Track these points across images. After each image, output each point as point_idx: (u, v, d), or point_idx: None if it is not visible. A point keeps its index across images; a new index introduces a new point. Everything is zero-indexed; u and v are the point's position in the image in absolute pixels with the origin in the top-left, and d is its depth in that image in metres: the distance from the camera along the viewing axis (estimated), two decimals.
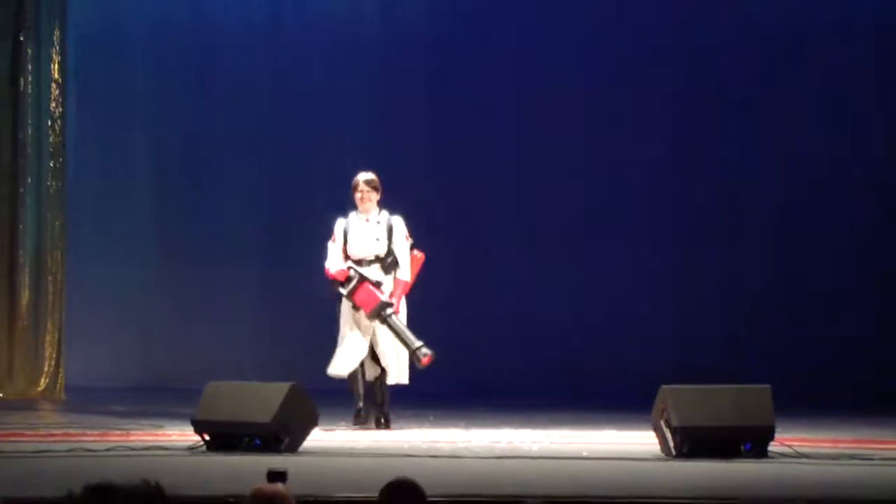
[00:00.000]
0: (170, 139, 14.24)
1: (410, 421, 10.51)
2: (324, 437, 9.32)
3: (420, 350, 10.01)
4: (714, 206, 13.77)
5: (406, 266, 10.22)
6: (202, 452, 8.57)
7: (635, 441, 9.19)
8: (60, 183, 12.90)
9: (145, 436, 9.47)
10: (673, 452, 8.40)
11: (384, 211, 10.28)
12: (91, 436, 9.45)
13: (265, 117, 14.17)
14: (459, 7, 14.16)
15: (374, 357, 10.23)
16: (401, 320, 10.10)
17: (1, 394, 12.59)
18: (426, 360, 10.03)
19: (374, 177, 10.27)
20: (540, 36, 13.96)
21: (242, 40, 14.17)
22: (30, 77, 12.75)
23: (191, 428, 8.77)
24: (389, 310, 10.04)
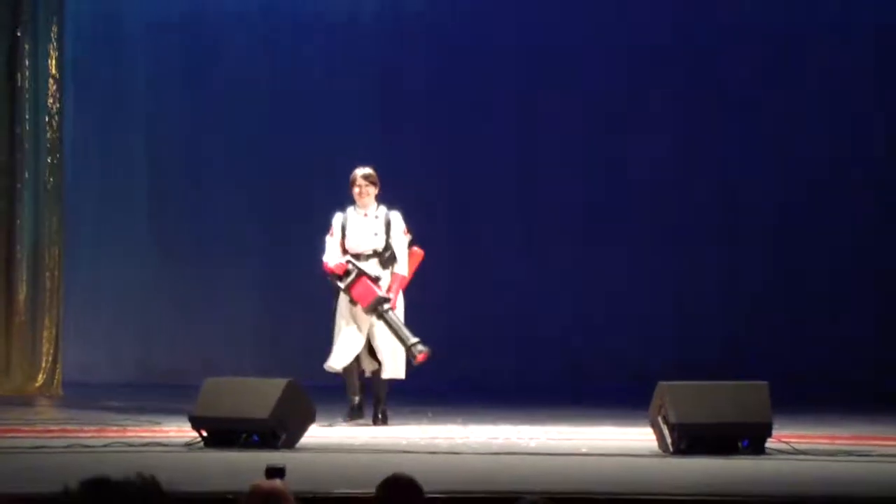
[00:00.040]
0: (167, 135, 14.23)
1: (408, 417, 10.51)
2: (321, 434, 9.32)
3: (416, 346, 10.01)
4: (714, 206, 13.76)
5: (403, 261, 10.21)
6: (199, 449, 8.57)
7: (633, 437, 9.19)
8: (58, 178, 12.88)
9: (143, 432, 9.46)
10: (671, 449, 8.40)
11: (382, 206, 10.28)
12: (88, 432, 9.45)
13: (263, 113, 14.15)
14: (459, 6, 14.14)
15: (371, 352, 10.24)
16: (397, 316, 10.10)
17: None
18: (422, 357, 10.03)
19: (372, 171, 10.27)
20: (540, 35, 13.95)
21: (241, 36, 14.15)
22: (27, 72, 12.73)
23: (188, 424, 8.77)
24: (386, 305, 10.04)
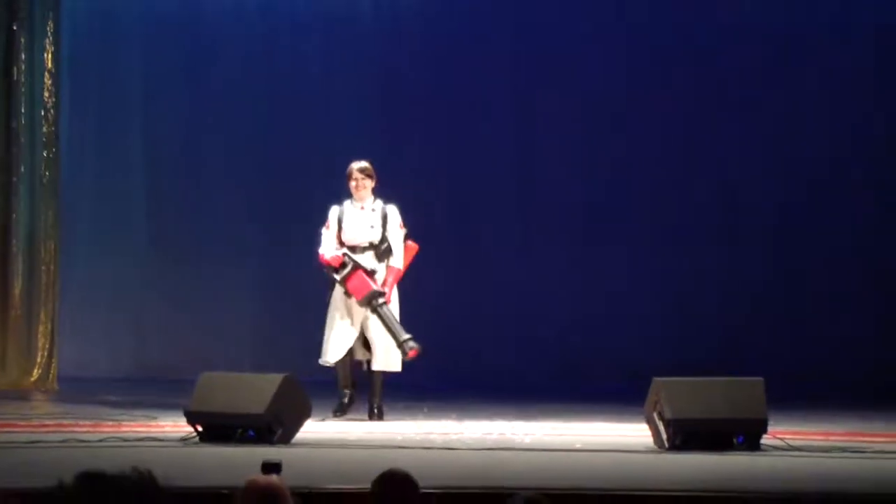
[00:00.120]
0: (164, 131, 14.21)
1: (403, 413, 10.52)
2: (317, 429, 9.32)
3: (407, 343, 10.04)
4: (713, 206, 13.73)
5: (399, 254, 10.24)
6: (195, 443, 8.57)
7: (628, 433, 9.20)
8: (54, 173, 12.87)
9: (138, 427, 9.46)
10: (666, 445, 8.41)
11: (379, 199, 10.31)
12: (84, 426, 9.44)
13: (261, 110, 14.13)
14: (457, 4, 14.12)
15: (366, 343, 10.26)
16: (391, 310, 10.12)
17: None
18: (412, 354, 10.07)
19: (368, 164, 10.30)
20: (539, 35, 13.92)
21: (239, 33, 14.13)
22: (23, 67, 12.72)
23: (184, 419, 8.77)
24: (381, 299, 10.07)
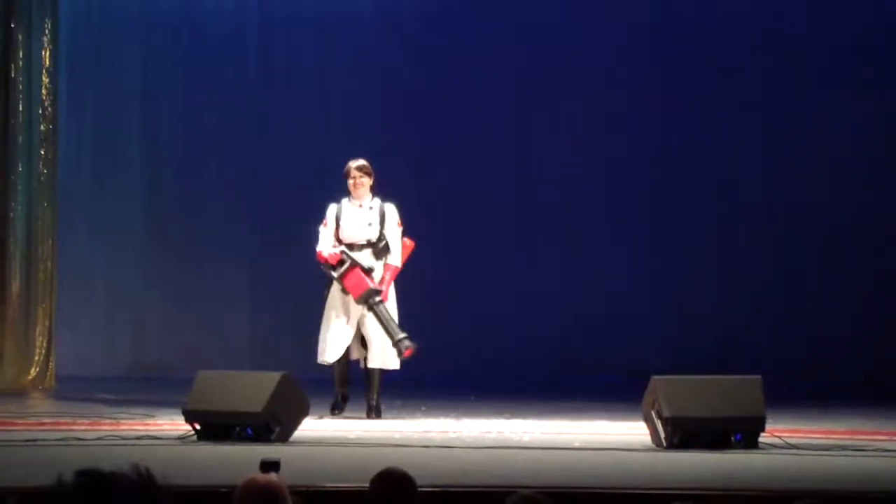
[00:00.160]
0: (162, 127, 14.20)
1: (402, 411, 10.52)
2: (315, 427, 9.32)
3: (402, 342, 10.05)
4: (714, 206, 13.71)
5: (397, 252, 10.25)
6: (193, 442, 8.56)
7: (626, 432, 9.20)
8: (51, 171, 12.84)
9: (136, 425, 9.46)
10: (664, 443, 8.40)
11: (377, 198, 10.31)
12: (82, 425, 9.44)
13: (258, 107, 14.11)
14: (455, 2, 14.09)
15: (363, 341, 10.28)
16: (387, 308, 10.13)
17: None
18: (408, 353, 10.10)
19: (366, 163, 10.31)
20: (537, 33, 13.90)
21: (237, 30, 14.12)
22: (21, 64, 12.69)
23: (182, 417, 8.76)
24: (377, 297, 10.08)
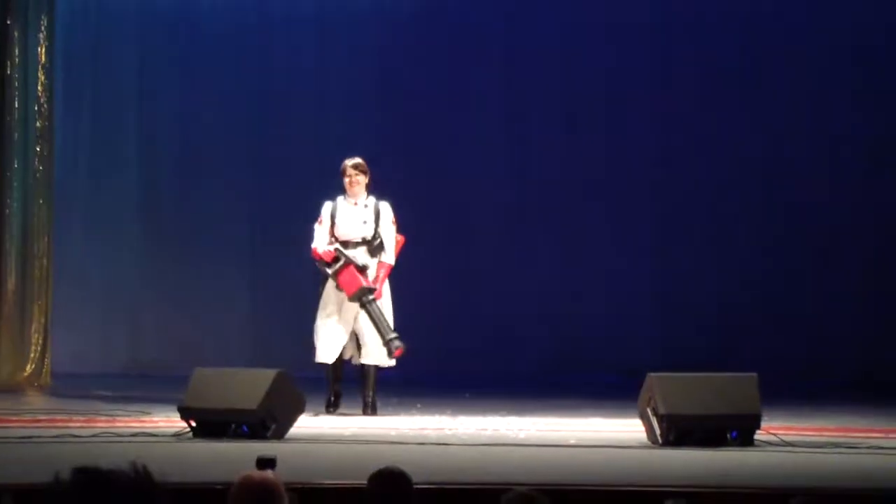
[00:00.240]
0: (158, 124, 14.20)
1: (397, 408, 10.52)
2: (310, 424, 9.32)
3: (392, 342, 10.10)
4: (713, 206, 13.71)
5: (391, 250, 10.30)
6: (189, 439, 8.57)
7: (622, 429, 9.20)
8: (47, 168, 12.83)
9: (132, 422, 9.45)
10: (659, 440, 8.41)
11: (372, 196, 10.34)
12: (77, 422, 9.44)
13: (254, 105, 14.10)
14: (454, 1, 14.10)
15: (356, 339, 10.31)
16: (380, 307, 10.16)
17: None
18: (397, 353, 10.16)
19: (362, 161, 10.35)
20: (534, 31, 13.89)
21: (234, 29, 14.10)
22: (17, 61, 12.68)
23: (177, 414, 8.76)
24: (370, 296, 10.12)
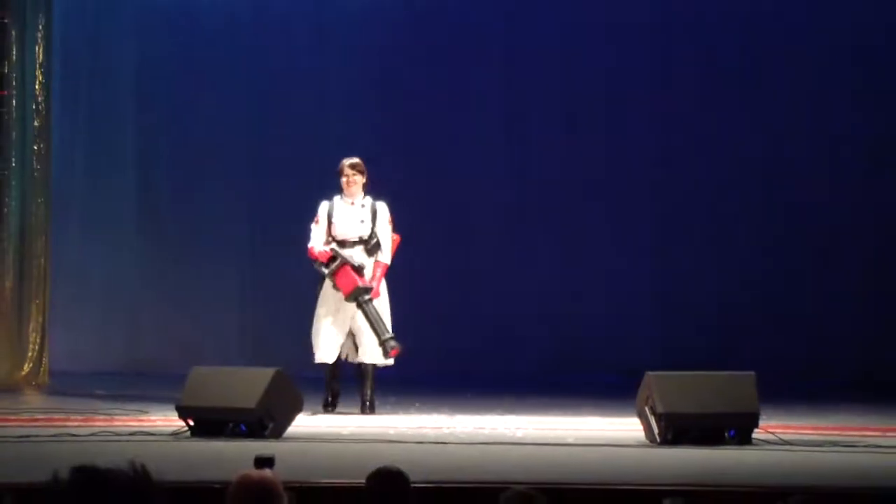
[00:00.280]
0: (156, 124, 14.19)
1: (395, 407, 10.53)
2: (308, 423, 9.33)
3: (388, 342, 10.12)
4: (713, 206, 13.70)
5: (387, 249, 10.35)
6: (186, 438, 8.57)
7: (620, 428, 9.20)
8: (45, 166, 12.83)
9: (130, 421, 9.45)
10: (657, 439, 8.41)
11: (369, 196, 10.37)
12: (75, 421, 9.44)
13: (253, 105, 14.09)
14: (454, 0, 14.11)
15: (353, 339, 10.33)
16: (377, 307, 10.18)
17: None
18: (394, 353, 10.18)
19: (359, 161, 10.39)
20: (532, 30, 13.89)
21: (231, 27, 14.09)
22: (14, 59, 12.68)
23: (175, 413, 8.76)
24: (367, 295, 10.14)
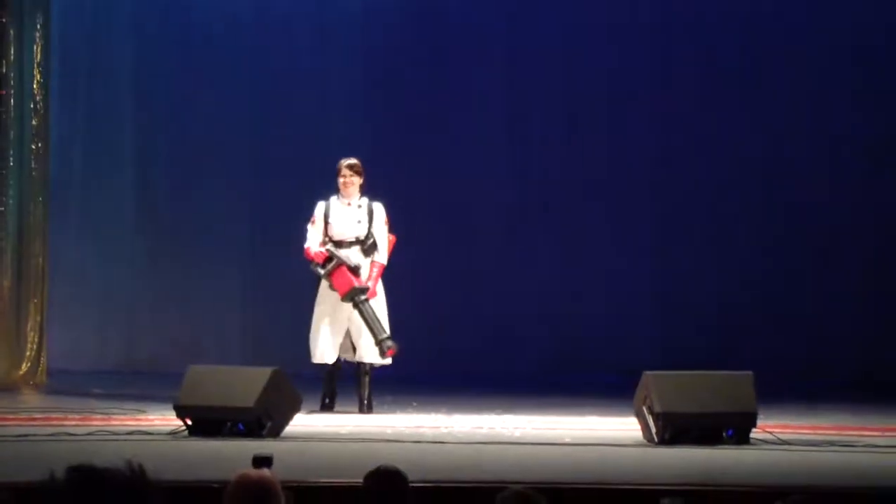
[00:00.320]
0: (154, 124, 14.19)
1: (393, 406, 10.53)
2: (306, 422, 9.32)
3: (385, 342, 10.14)
4: (713, 206, 13.71)
5: (384, 249, 10.38)
6: (184, 437, 8.56)
7: (618, 427, 9.20)
8: (43, 166, 12.83)
9: (127, 420, 9.44)
10: (655, 439, 8.41)
11: (365, 196, 10.39)
12: (73, 420, 9.43)
13: (251, 103, 14.09)
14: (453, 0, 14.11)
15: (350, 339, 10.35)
16: (373, 307, 10.19)
17: None
18: (390, 353, 10.21)
19: (357, 162, 10.41)
20: (533, 30, 13.90)
21: (229, 26, 14.09)
22: (12, 59, 12.67)
23: (173, 412, 8.76)
24: (363, 296, 10.15)
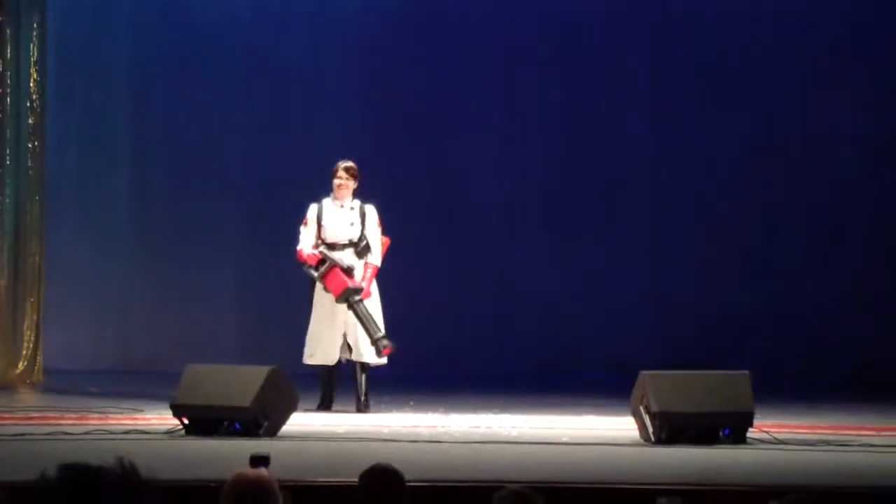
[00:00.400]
0: (151, 123, 14.19)
1: (390, 406, 10.53)
2: (303, 422, 9.32)
3: (380, 341, 10.17)
4: (713, 206, 13.71)
5: (377, 251, 10.41)
6: (181, 436, 8.56)
7: (615, 427, 9.21)
8: (39, 165, 12.82)
9: (124, 419, 9.44)
10: (652, 438, 8.42)
11: (357, 199, 10.42)
12: (69, 419, 9.43)
13: (248, 104, 14.09)
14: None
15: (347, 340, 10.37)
16: (367, 307, 10.21)
17: None
18: (385, 352, 10.24)
19: (354, 165, 10.43)
20: (530, 29, 13.89)
21: (226, 26, 14.09)
22: (9, 57, 12.67)
23: (170, 412, 8.76)
24: (357, 296, 10.17)
